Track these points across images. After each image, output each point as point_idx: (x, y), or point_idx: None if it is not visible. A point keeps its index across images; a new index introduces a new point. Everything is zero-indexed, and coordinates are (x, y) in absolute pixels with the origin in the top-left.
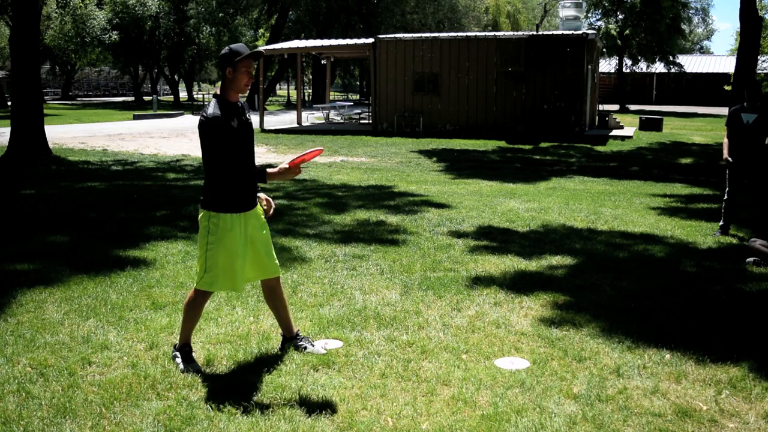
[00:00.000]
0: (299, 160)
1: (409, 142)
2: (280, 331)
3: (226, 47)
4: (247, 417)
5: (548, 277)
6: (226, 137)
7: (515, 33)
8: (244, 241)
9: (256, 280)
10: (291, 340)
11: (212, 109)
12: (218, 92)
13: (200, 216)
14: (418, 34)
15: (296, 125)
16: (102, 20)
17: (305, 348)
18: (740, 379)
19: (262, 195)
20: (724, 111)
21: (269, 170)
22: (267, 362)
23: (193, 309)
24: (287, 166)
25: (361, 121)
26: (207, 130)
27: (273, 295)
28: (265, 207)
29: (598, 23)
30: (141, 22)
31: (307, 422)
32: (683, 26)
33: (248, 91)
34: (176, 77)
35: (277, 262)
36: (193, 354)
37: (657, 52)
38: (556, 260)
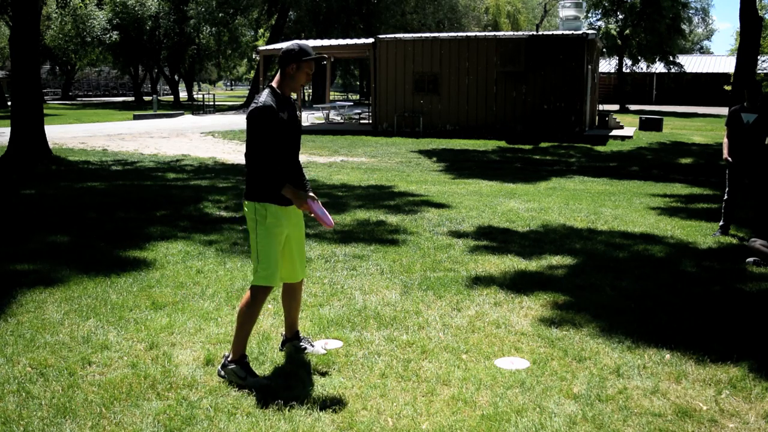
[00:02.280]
0: (314, 211)
1: (409, 142)
2: (281, 330)
3: (294, 43)
4: (247, 417)
5: (548, 277)
6: (275, 127)
7: (515, 33)
8: (284, 238)
9: (286, 281)
10: (291, 341)
11: (265, 98)
12: (272, 84)
13: (246, 210)
14: (418, 34)
15: None
16: (102, 20)
17: (305, 348)
18: (740, 379)
19: (313, 195)
20: (724, 111)
21: (294, 189)
22: (267, 362)
23: (252, 309)
24: (307, 203)
25: (361, 121)
26: (258, 117)
27: (293, 295)
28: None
29: (598, 23)
30: (141, 22)
31: (307, 422)
32: (683, 26)
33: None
34: (176, 77)
35: (305, 265)
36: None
37: (657, 52)
38: (556, 260)
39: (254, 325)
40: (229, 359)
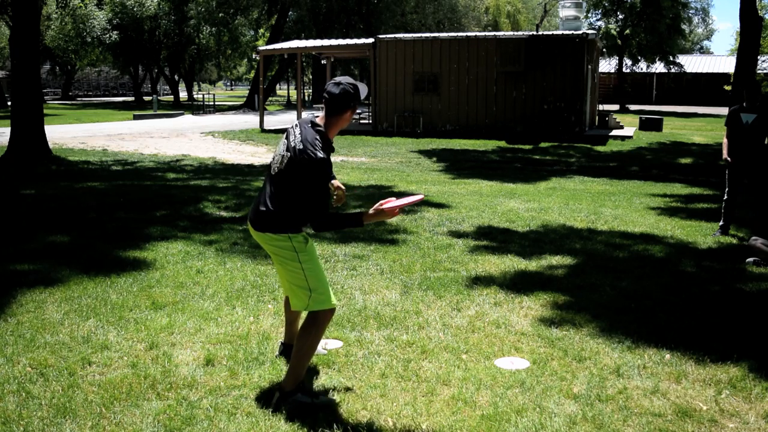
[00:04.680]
0: (402, 205)
1: (409, 142)
2: (281, 330)
3: (350, 86)
4: (247, 417)
5: (548, 277)
6: (326, 178)
7: (515, 33)
8: None
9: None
10: (292, 347)
11: (320, 149)
12: (320, 124)
13: (275, 240)
14: (418, 34)
15: None
16: (102, 20)
17: None
18: (740, 379)
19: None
20: (724, 111)
21: (367, 212)
22: (267, 362)
23: (318, 337)
24: (383, 208)
25: (361, 121)
26: (316, 170)
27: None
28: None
29: (598, 23)
30: (140, 23)
31: (307, 422)
32: (683, 26)
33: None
34: (176, 77)
35: None
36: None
37: (657, 52)
38: (556, 260)
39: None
40: (286, 391)
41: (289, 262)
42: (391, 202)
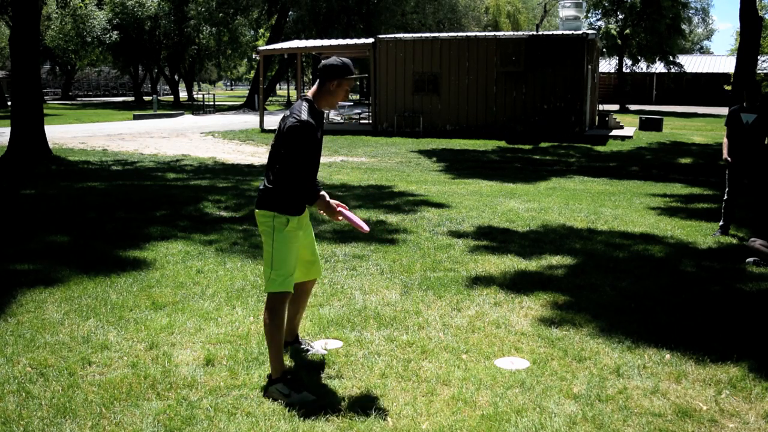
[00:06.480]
0: (349, 218)
1: (409, 142)
2: None
3: (337, 59)
4: (247, 417)
5: (548, 277)
6: (310, 145)
7: (515, 33)
8: (299, 244)
9: (300, 281)
10: (291, 344)
11: (305, 114)
12: (309, 96)
13: (261, 217)
14: (418, 34)
15: None
16: (102, 20)
17: (306, 350)
18: (740, 379)
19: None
20: (724, 111)
21: (324, 195)
22: (267, 362)
23: (275, 320)
24: (336, 204)
25: (361, 121)
26: (297, 134)
27: (303, 296)
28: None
29: (598, 23)
30: (140, 23)
31: (307, 422)
32: (683, 26)
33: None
34: (176, 77)
35: (320, 264)
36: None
37: (657, 52)
38: (555, 260)
39: (283, 335)
40: (272, 378)
41: (265, 238)
42: (345, 211)
